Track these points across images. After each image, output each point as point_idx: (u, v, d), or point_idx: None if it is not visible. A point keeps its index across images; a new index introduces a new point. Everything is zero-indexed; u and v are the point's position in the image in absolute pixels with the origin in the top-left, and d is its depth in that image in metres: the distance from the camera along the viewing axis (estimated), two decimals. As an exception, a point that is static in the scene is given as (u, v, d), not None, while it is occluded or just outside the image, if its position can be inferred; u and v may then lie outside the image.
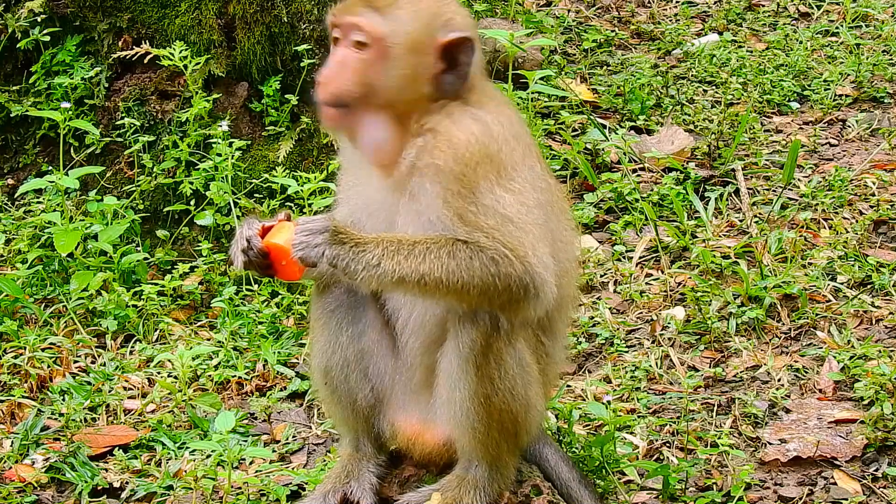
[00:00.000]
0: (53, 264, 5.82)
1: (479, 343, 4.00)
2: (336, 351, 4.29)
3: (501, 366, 4.05)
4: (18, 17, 6.24)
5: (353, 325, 4.28)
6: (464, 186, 3.91)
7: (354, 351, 4.28)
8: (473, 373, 4.02)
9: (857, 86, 7.78)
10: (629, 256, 6.15)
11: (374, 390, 4.31)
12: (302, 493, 4.65)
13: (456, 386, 4.05)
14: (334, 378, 4.31)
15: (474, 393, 4.04)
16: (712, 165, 6.87)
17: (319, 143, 6.26)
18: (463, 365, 4.02)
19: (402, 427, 4.31)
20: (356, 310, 4.27)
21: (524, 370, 4.11)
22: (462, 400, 4.06)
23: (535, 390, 4.18)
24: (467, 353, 4.01)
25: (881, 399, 4.94)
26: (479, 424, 4.08)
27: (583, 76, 7.85)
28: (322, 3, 6.26)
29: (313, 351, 4.39)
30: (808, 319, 5.61)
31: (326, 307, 4.30)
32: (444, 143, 3.93)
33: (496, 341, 4.02)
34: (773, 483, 4.72)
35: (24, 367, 5.33)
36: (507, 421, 4.12)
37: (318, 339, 4.33)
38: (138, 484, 4.73)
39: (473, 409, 4.06)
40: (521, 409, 4.13)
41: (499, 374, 4.05)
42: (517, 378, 4.08)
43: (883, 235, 6.27)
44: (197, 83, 6.09)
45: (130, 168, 6.19)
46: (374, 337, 4.28)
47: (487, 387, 4.04)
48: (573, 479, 4.44)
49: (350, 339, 4.28)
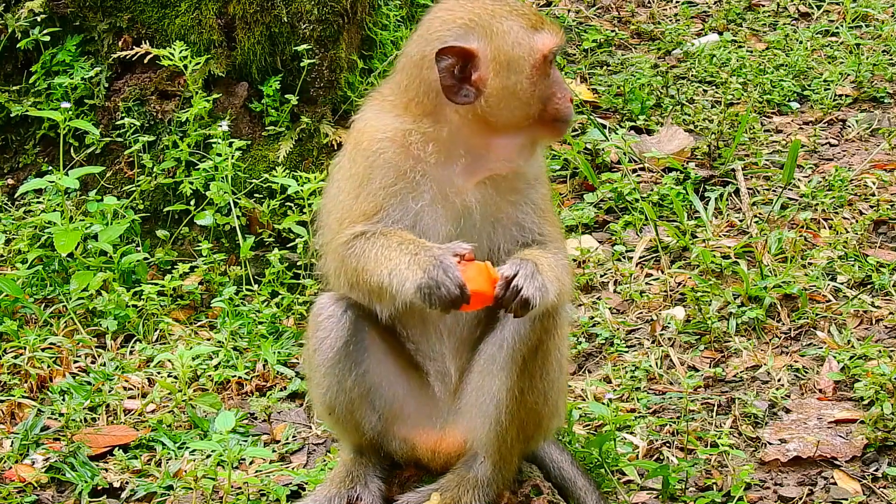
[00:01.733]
0: (53, 264, 5.82)
1: (535, 337, 4.03)
2: (340, 395, 4.21)
3: (545, 366, 4.09)
4: (18, 17, 6.24)
5: (357, 367, 4.19)
6: (550, 192, 4.19)
7: (360, 391, 4.21)
8: (519, 364, 4.03)
9: (857, 86, 7.77)
10: (629, 256, 6.15)
11: (382, 418, 4.27)
12: (302, 493, 4.65)
13: (497, 374, 4.05)
14: (339, 415, 4.26)
15: (512, 385, 4.04)
16: (712, 165, 6.87)
17: (319, 143, 6.27)
18: (512, 355, 4.03)
19: (420, 441, 4.28)
20: (360, 351, 4.18)
21: (562, 375, 4.17)
22: (497, 389, 4.06)
23: (563, 400, 4.23)
24: (520, 344, 4.02)
25: (881, 399, 4.94)
26: (504, 418, 4.08)
27: (583, 76, 7.85)
28: (322, 2, 6.26)
29: (315, 392, 4.30)
30: (808, 319, 5.61)
31: (327, 357, 4.18)
32: (539, 158, 4.15)
33: (548, 339, 4.06)
34: (773, 483, 4.72)
35: (24, 367, 5.33)
36: (531, 422, 4.13)
37: (321, 383, 4.23)
38: (138, 484, 4.73)
39: (505, 401, 4.06)
40: (547, 413, 4.17)
41: (540, 374, 4.09)
42: (554, 383, 4.13)
43: (883, 235, 6.27)
44: (197, 83, 6.09)
45: (130, 168, 6.19)
46: (381, 370, 4.22)
47: (526, 382, 4.05)
48: (576, 476, 4.44)
49: (354, 383, 4.20)
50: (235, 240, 5.96)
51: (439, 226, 4.04)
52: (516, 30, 3.95)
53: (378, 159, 4.06)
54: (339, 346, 4.16)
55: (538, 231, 4.12)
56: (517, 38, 3.95)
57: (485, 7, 3.98)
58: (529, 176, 4.13)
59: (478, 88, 3.93)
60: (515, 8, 3.99)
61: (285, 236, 5.99)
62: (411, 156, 4.04)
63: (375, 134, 4.09)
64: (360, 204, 4.06)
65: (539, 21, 4.00)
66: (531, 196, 4.13)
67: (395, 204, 4.04)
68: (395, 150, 4.05)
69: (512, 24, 3.95)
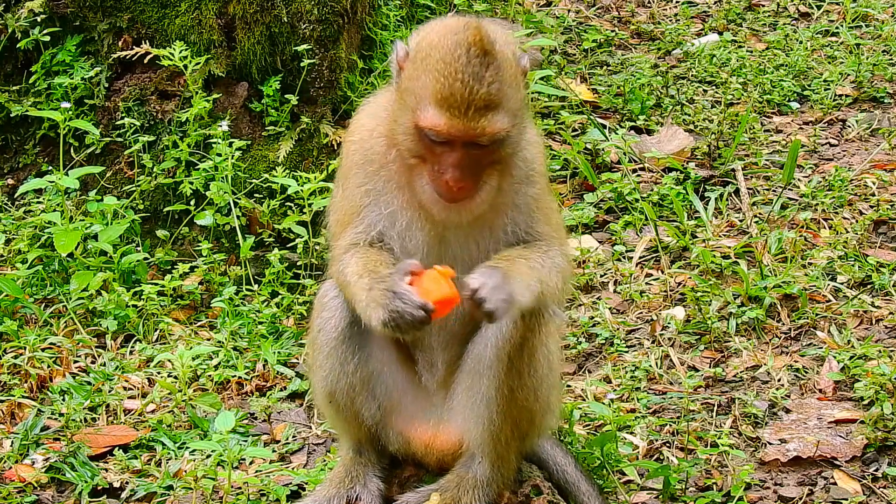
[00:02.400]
0: (53, 264, 5.82)
1: (519, 335, 4.02)
2: (341, 378, 4.21)
3: (532, 363, 4.08)
4: (18, 17, 6.24)
5: (360, 351, 4.19)
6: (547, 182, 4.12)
7: (361, 376, 4.21)
8: (505, 362, 4.03)
9: (857, 86, 7.78)
10: (629, 256, 6.15)
11: (382, 407, 4.27)
12: (302, 493, 4.65)
13: (485, 373, 4.06)
14: (339, 401, 4.26)
15: (501, 383, 4.04)
16: (712, 165, 6.87)
17: (319, 143, 6.27)
18: (498, 353, 4.03)
19: (415, 435, 4.28)
20: (363, 335, 4.17)
21: (551, 372, 4.15)
22: (487, 389, 4.06)
23: (556, 395, 4.22)
24: (504, 342, 4.02)
25: (881, 399, 4.94)
26: (497, 417, 4.08)
27: (583, 76, 7.85)
28: (322, 2, 6.26)
29: (316, 375, 4.30)
30: (808, 319, 5.61)
31: (332, 337, 4.19)
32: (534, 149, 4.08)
33: (532, 337, 4.05)
34: (773, 483, 4.72)
35: (24, 367, 5.33)
36: (524, 419, 4.13)
37: (323, 364, 4.23)
38: (138, 484, 4.73)
39: (496, 401, 4.06)
40: (539, 410, 4.16)
41: (528, 371, 4.08)
42: (544, 379, 4.11)
43: (883, 235, 6.27)
44: (197, 83, 6.09)
45: (130, 168, 6.19)
46: (383, 357, 4.23)
47: (514, 380, 4.05)
48: (580, 480, 4.44)
49: (357, 366, 4.20)
50: (235, 240, 5.96)
51: (415, 230, 4.04)
52: (424, 81, 3.81)
53: (353, 158, 4.10)
54: (344, 327, 4.16)
55: (526, 230, 4.08)
56: (419, 86, 3.83)
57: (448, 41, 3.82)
58: (518, 177, 4.06)
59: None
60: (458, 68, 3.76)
61: (285, 236, 5.99)
62: (378, 159, 4.05)
63: (353, 135, 4.15)
64: (344, 203, 4.12)
65: (449, 97, 3.76)
66: (519, 196, 4.07)
67: (370, 204, 4.06)
68: (363, 153, 4.08)
69: (430, 78, 3.79)
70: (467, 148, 3.81)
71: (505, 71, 3.80)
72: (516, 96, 3.86)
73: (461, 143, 3.81)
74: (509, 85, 3.82)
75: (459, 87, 3.75)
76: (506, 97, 3.80)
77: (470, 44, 3.77)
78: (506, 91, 3.80)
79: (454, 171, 3.81)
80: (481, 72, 3.74)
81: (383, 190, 4.05)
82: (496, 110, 3.78)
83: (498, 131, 3.80)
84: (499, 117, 3.79)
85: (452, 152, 3.82)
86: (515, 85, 3.86)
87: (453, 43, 3.79)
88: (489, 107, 3.76)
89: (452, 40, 3.79)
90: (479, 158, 3.86)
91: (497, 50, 3.81)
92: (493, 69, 3.76)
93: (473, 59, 3.76)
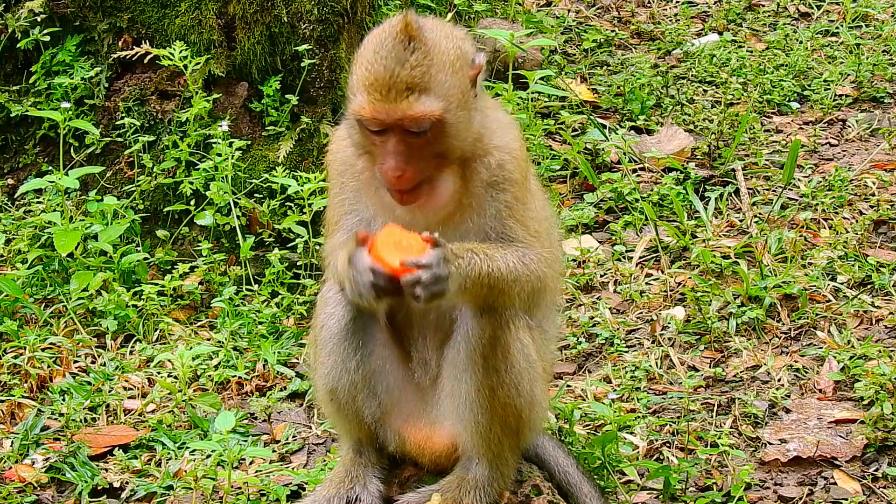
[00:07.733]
0: (53, 264, 5.82)
1: (487, 334, 4.01)
2: (343, 375, 4.21)
3: (508, 358, 4.06)
4: (18, 17, 6.24)
5: (362, 347, 4.19)
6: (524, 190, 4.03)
7: (363, 373, 4.20)
8: (480, 363, 4.02)
9: (857, 86, 7.78)
10: (629, 256, 6.15)
11: (382, 406, 4.26)
12: (302, 493, 4.65)
13: (462, 377, 4.05)
14: (341, 399, 4.25)
15: (480, 384, 4.04)
16: (712, 165, 6.87)
17: (319, 143, 6.26)
18: (470, 355, 4.02)
19: (410, 435, 4.28)
20: (365, 332, 4.18)
21: (531, 366, 4.12)
22: (467, 392, 4.06)
23: (541, 387, 4.20)
24: (475, 343, 4.01)
25: (881, 399, 4.94)
26: (483, 418, 4.07)
27: (583, 76, 7.85)
28: (322, 2, 6.26)
29: (318, 372, 4.30)
30: (808, 319, 5.61)
31: (334, 333, 4.19)
32: (506, 155, 4.00)
33: (503, 334, 4.03)
34: (773, 483, 4.72)
35: (24, 367, 5.33)
36: (511, 416, 4.12)
37: (325, 361, 4.23)
38: (138, 484, 4.73)
39: (478, 402, 4.05)
40: (525, 404, 4.14)
41: (505, 367, 4.06)
42: (523, 373, 4.09)
43: (883, 235, 6.27)
44: (197, 83, 6.09)
45: (130, 168, 6.19)
46: (384, 354, 4.22)
47: (493, 378, 4.04)
48: (581, 482, 4.44)
49: (358, 363, 4.19)
50: (235, 240, 5.96)
51: None
52: (357, 72, 3.86)
53: (331, 168, 4.18)
54: (347, 322, 4.16)
55: (500, 236, 4.03)
56: (354, 79, 3.88)
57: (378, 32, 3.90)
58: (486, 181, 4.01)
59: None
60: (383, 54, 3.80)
61: (285, 236, 5.99)
62: (349, 169, 4.10)
63: (331, 145, 4.22)
64: (329, 211, 4.21)
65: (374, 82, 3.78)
66: (489, 203, 4.02)
67: (348, 213, 4.12)
68: (339, 163, 4.14)
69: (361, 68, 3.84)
70: (403, 135, 3.82)
71: (435, 56, 3.80)
72: (451, 83, 3.83)
73: (395, 131, 3.82)
74: (441, 70, 3.81)
75: (382, 71, 3.79)
76: (435, 81, 3.79)
77: (397, 31, 3.83)
78: (434, 75, 3.79)
79: (390, 160, 3.83)
80: (405, 56, 3.78)
81: (356, 199, 4.11)
82: (423, 93, 3.78)
83: (424, 113, 3.77)
84: (424, 100, 3.78)
85: (389, 141, 3.84)
86: (451, 72, 3.84)
87: (381, 32, 3.87)
88: (412, 89, 3.77)
89: (381, 31, 3.88)
90: (420, 148, 3.84)
91: (426, 37, 3.83)
92: (420, 54, 3.79)
93: (398, 44, 3.80)
